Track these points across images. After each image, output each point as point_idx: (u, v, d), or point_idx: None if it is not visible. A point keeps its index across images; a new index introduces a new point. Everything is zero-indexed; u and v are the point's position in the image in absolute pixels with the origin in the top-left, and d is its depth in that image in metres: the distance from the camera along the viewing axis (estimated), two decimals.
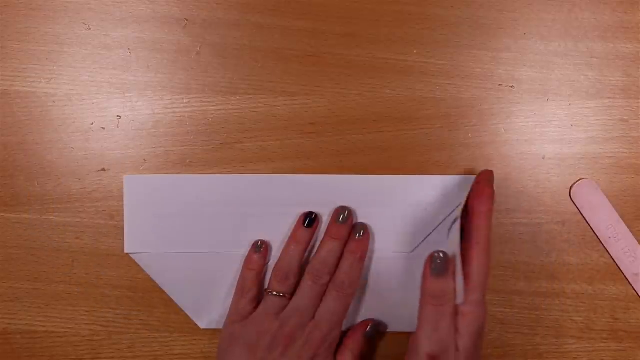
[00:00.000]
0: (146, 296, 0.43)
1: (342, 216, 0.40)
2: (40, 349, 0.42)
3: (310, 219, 0.41)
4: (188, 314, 0.42)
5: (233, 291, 0.42)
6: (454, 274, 0.36)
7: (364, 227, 0.41)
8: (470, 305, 0.35)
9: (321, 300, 0.39)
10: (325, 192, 0.42)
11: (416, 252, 0.42)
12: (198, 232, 0.42)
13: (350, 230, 0.41)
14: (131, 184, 0.42)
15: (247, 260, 0.41)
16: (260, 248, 0.41)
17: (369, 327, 0.41)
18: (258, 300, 0.41)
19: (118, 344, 0.43)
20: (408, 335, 0.37)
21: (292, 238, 0.41)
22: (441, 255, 0.36)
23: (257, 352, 0.38)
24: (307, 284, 0.39)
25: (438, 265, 0.36)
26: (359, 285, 0.40)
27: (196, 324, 0.42)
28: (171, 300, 0.42)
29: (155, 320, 0.43)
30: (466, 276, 0.36)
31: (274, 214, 0.42)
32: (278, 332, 0.38)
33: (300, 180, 0.42)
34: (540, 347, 0.42)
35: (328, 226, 0.41)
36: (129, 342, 0.43)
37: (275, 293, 0.40)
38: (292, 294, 0.40)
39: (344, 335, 0.41)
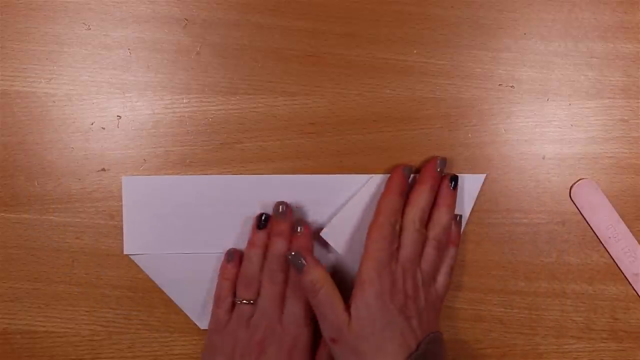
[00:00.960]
0: (146, 296, 0.43)
1: (280, 211, 0.40)
2: (40, 349, 0.42)
3: (262, 221, 0.41)
4: (188, 315, 0.42)
5: None
6: (314, 262, 0.37)
7: (303, 223, 0.40)
8: (364, 273, 0.36)
9: (283, 298, 0.39)
10: (325, 192, 0.42)
11: None
12: (197, 232, 0.42)
13: (292, 222, 0.40)
14: (130, 185, 0.42)
15: (222, 270, 0.41)
16: (233, 256, 0.41)
17: None
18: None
19: (118, 344, 0.43)
20: None
21: (249, 243, 0.41)
22: (292, 254, 0.38)
23: None
24: (265, 287, 0.39)
25: (295, 264, 0.37)
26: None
27: (196, 324, 0.42)
28: (171, 300, 0.42)
29: (155, 320, 0.43)
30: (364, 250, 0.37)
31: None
32: (250, 340, 0.38)
33: (300, 180, 0.42)
34: (540, 347, 0.42)
35: (271, 225, 0.41)
36: (129, 342, 0.43)
37: (243, 301, 0.39)
38: (257, 298, 0.40)
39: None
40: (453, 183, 0.40)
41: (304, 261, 0.37)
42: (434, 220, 0.39)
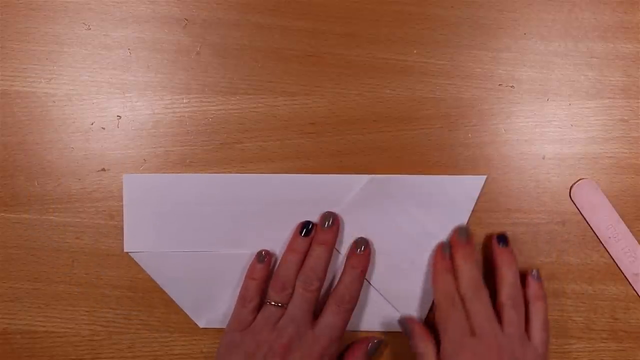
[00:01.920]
0: (146, 296, 0.43)
1: (327, 222, 0.41)
2: (40, 349, 0.42)
3: (307, 229, 0.41)
4: (187, 313, 0.42)
5: (232, 290, 0.42)
6: (421, 333, 0.39)
7: (366, 242, 0.41)
8: (445, 356, 0.38)
9: (315, 306, 0.40)
10: (325, 192, 0.42)
11: (411, 254, 0.41)
12: (197, 231, 0.42)
13: (337, 231, 0.41)
14: (130, 183, 0.42)
15: (250, 270, 0.41)
16: (264, 258, 0.41)
17: (370, 344, 0.41)
18: (259, 309, 0.41)
19: (118, 344, 0.43)
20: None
21: (289, 248, 0.41)
22: (401, 318, 0.41)
23: None
24: (298, 291, 0.39)
25: (404, 329, 0.40)
26: (358, 300, 0.40)
27: (196, 324, 0.42)
28: (171, 300, 0.42)
29: (155, 320, 0.43)
30: None
31: (273, 214, 0.42)
32: (275, 342, 0.38)
33: (299, 180, 0.42)
34: None
35: (315, 232, 0.41)
36: (129, 342, 0.43)
37: (273, 303, 0.40)
38: (287, 303, 0.40)
39: (345, 349, 0.41)
40: (502, 242, 0.41)
41: (409, 329, 0.40)
42: (499, 281, 0.39)
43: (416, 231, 0.41)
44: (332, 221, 0.41)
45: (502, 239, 0.41)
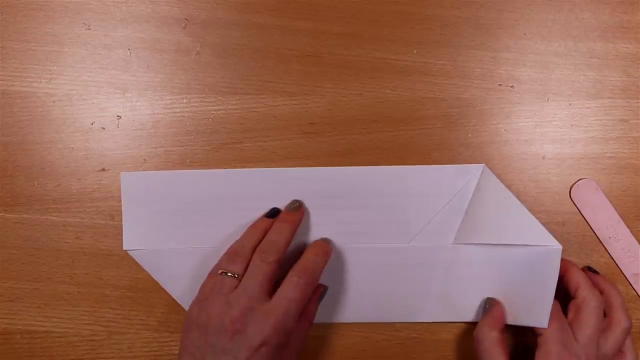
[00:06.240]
0: (146, 296, 0.43)
1: (293, 206, 0.41)
2: (40, 349, 0.43)
3: (274, 212, 0.41)
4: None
5: None
6: None
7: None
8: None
9: (270, 282, 0.37)
10: (323, 185, 0.42)
11: (413, 244, 0.42)
12: (196, 227, 0.42)
13: (301, 217, 0.41)
14: (128, 180, 0.42)
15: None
16: None
17: (322, 290, 0.42)
18: None
19: (118, 344, 0.43)
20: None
21: (252, 225, 0.41)
22: None
23: (208, 336, 0.36)
24: (254, 263, 0.38)
25: None
26: (319, 278, 0.39)
27: None
28: (171, 300, 0.42)
29: (155, 320, 0.43)
30: None
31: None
32: (226, 315, 0.36)
33: (297, 174, 0.42)
34: None
35: (280, 213, 0.41)
36: (129, 342, 0.43)
37: (223, 271, 0.38)
38: (243, 275, 0.38)
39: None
40: (593, 271, 0.42)
41: (488, 308, 0.41)
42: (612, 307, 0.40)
43: (413, 222, 0.41)
44: (297, 206, 0.41)
45: (592, 269, 0.42)
